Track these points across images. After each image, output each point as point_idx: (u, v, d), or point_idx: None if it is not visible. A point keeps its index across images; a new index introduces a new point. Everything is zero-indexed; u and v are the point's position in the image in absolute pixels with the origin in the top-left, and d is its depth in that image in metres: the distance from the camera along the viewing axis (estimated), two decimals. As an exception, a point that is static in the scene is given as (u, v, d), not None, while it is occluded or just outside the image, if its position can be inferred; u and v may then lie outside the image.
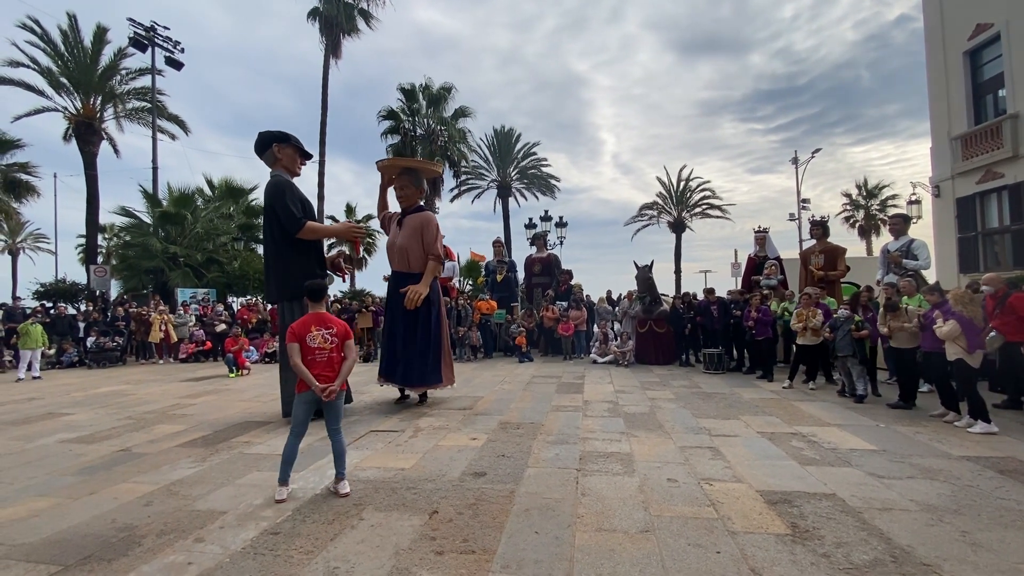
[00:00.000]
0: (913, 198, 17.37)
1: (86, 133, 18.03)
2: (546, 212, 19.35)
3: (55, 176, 29.64)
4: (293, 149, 5.95)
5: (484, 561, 2.55)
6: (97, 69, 18.04)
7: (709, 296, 10.21)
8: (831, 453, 4.31)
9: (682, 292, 14.62)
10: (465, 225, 71.90)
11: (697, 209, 33.30)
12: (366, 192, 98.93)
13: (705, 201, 33.12)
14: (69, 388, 8.96)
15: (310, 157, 6.27)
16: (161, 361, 13.12)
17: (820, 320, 7.14)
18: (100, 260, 19.75)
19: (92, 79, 17.96)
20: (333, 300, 16.58)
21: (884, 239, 16.15)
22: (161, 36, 19.71)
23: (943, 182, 14.77)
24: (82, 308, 15.50)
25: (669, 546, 2.68)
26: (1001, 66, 13.04)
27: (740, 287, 11.25)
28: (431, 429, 5.33)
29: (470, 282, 17.72)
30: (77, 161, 18.32)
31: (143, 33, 19.19)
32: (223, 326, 13.30)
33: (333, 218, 26.66)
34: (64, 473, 4.12)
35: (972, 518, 2.98)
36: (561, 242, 19.65)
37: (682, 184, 33.16)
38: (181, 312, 14.28)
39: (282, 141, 5.87)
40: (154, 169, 19.66)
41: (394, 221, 6.86)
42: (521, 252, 19.80)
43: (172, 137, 21.01)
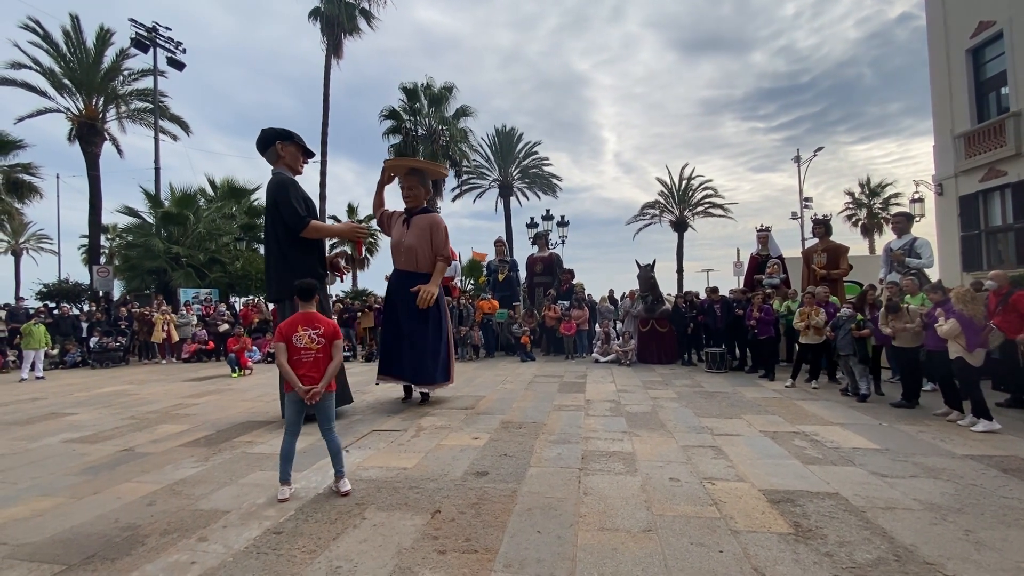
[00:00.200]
0: (916, 196, 17.35)
1: (88, 134, 18.08)
2: (548, 211, 19.39)
3: (58, 177, 29.71)
4: (296, 147, 5.93)
5: (486, 560, 2.56)
6: (99, 70, 18.07)
7: (712, 295, 10.20)
8: (834, 452, 4.30)
9: (684, 291, 14.61)
10: (467, 224, 72.08)
11: (699, 208, 33.22)
12: (368, 192, 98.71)
13: (707, 200, 33.05)
14: (72, 388, 9.00)
15: (312, 155, 6.25)
16: (164, 361, 13.16)
17: (823, 319, 7.13)
18: (103, 260, 19.80)
19: (94, 80, 18.00)
20: (335, 300, 16.61)
21: (887, 237, 16.11)
22: (163, 37, 19.74)
23: (946, 180, 14.72)
24: (85, 308, 15.55)
25: (671, 545, 2.68)
26: (1004, 64, 12.98)
27: (742, 286, 11.24)
28: (433, 428, 5.33)
29: (472, 281, 17.71)
30: (79, 162, 18.41)
31: (145, 34, 19.22)
32: (226, 326, 13.35)
33: (335, 218, 26.68)
34: (67, 473, 4.13)
35: (975, 517, 2.98)
36: (563, 241, 19.66)
37: (684, 183, 33.10)
38: (184, 312, 14.32)
39: (285, 139, 5.84)
40: (156, 169, 19.70)
41: (397, 220, 6.85)
42: (523, 251, 19.76)
43: (174, 138, 21.07)
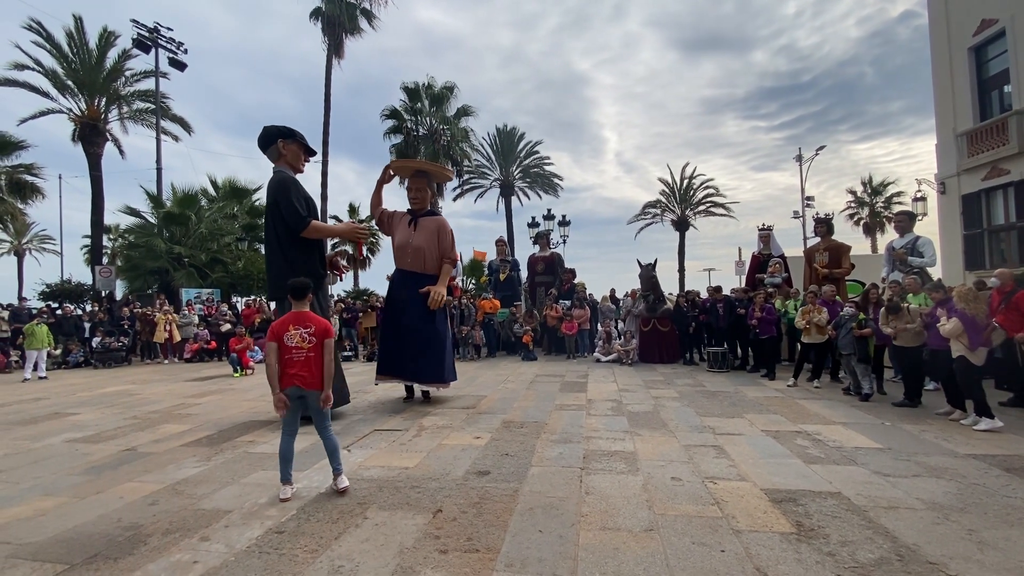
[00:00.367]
0: (918, 195, 17.27)
1: (91, 134, 18.10)
2: (549, 211, 19.39)
3: (60, 177, 29.67)
4: (298, 145, 5.90)
5: (488, 560, 2.56)
6: (102, 71, 18.10)
7: (716, 294, 10.18)
8: (836, 451, 4.29)
9: (685, 290, 14.59)
10: (468, 224, 72.10)
11: (701, 207, 33.14)
12: (369, 192, 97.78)
13: (709, 199, 32.97)
14: (75, 388, 9.02)
15: (314, 153, 6.23)
16: (166, 361, 13.19)
17: (825, 317, 7.12)
18: (105, 261, 19.82)
19: (96, 81, 18.01)
20: (336, 300, 16.62)
21: (889, 236, 16.06)
22: (164, 37, 19.74)
23: (948, 179, 14.67)
24: (88, 308, 15.58)
25: (673, 545, 2.68)
26: (1007, 62, 12.94)
27: (744, 285, 11.22)
28: (434, 428, 5.33)
29: (473, 281, 17.71)
30: (82, 162, 18.39)
31: (147, 34, 19.24)
32: (228, 326, 13.37)
33: (337, 218, 26.70)
34: (70, 472, 4.14)
35: (978, 516, 2.97)
36: (564, 241, 19.69)
37: (685, 182, 33.03)
38: (186, 312, 14.36)
39: (287, 137, 5.81)
40: (158, 170, 19.73)
41: (402, 221, 6.85)
42: (524, 251, 19.78)
43: (175, 139, 21.06)
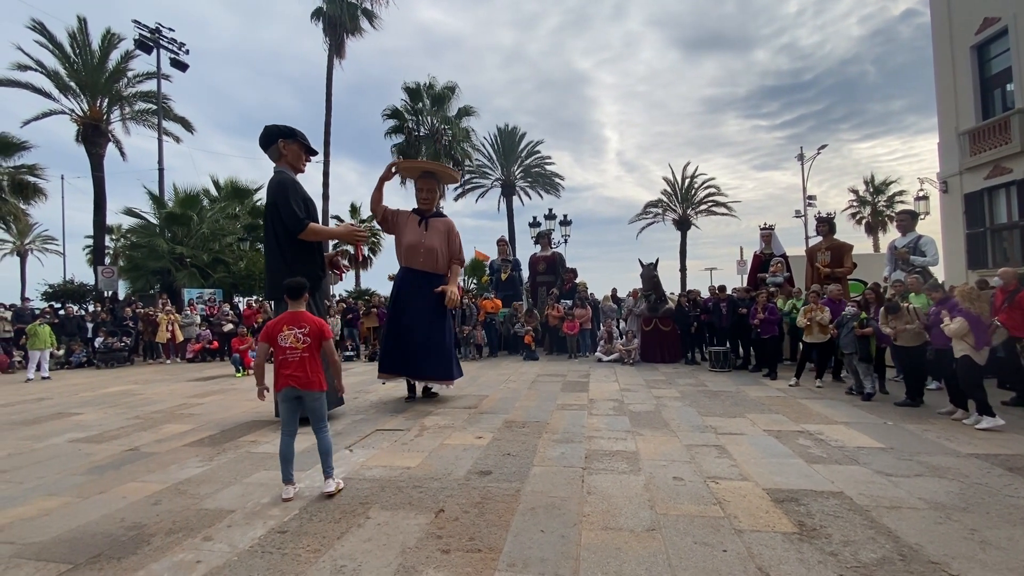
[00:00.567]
0: (920, 194, 17.20)
1: (93, 135, 18.14)
2: (550, 210, 19.33)
3: (62, 178, 29.68)
4: (298, 145, 5.89)
5: (490, 560, 2.56)
6: (104, 72, 18.14)
7: (720, 294, 10.14)
8: (838, 451, 4.28)
9: (687, 290, 14.56)
10: (469, 224, 72.01)
11: (702, 206, 33.07)
12: (370, 192, 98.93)
13: (710, 198, 32.91)
14: (78, 388, 9.04)
15: (315, 153, 6.22)
16: (168, 361, 13.22)
17: (827, 316, 7.10)
18: (107, 261, 19.88)
19: (99, 81, 18.05)
20: (338, 300, 16.64)
21: (891, 235, 16.02)
22: (166, 38, 19.79)
23: (951, 178, 14.64)
24: (90, 309, 15.62)
25: (675, 545, 2.68)
26: (1009, 60, 12.92)
27: (746, 284, 11.21)
28: (436, 428, 5.34)
29: (475, 281, 17.71)
30: (84, 163, 18.43)
31: (148, 35, 19.28)
32: (230, 326, 13.39)
33: (338, 218, 26.70)
34: (73, 472, 4.16)
35: (981, 516, 2.96)
36: (565, 240, 19.65)
37: (687, 181, 32.96)
38: (188, 312, 14.38)
39: (287, 137, 5.80)
40: (160, 170, 19.77)
41: (411, 220, 6.93)
42: (525, 251, 19.76)
43: (177, 140, 21.10)
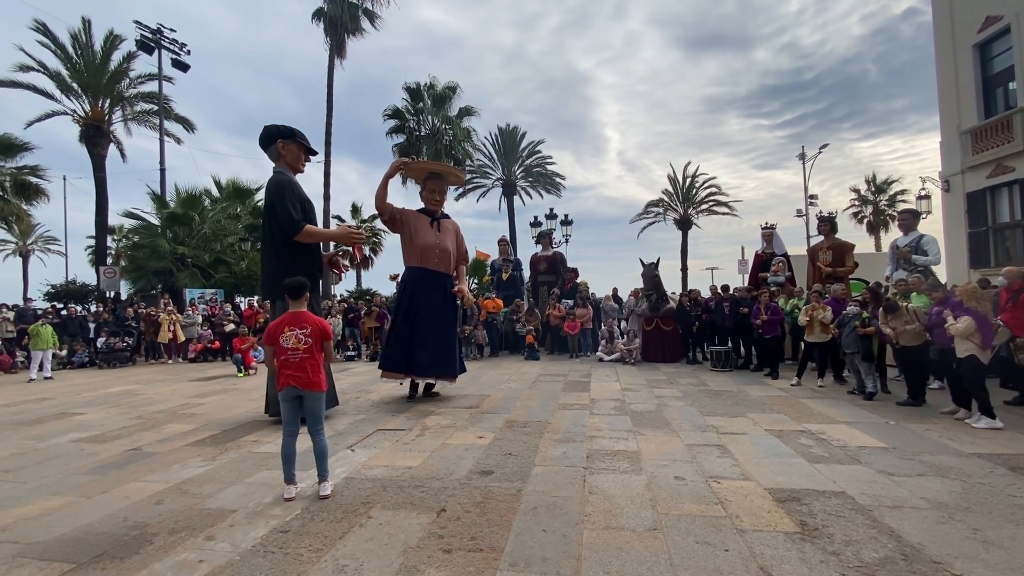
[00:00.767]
0: (922, 193, 17.16)
1: (95, 136, 18.18)
2: (551, 210, 19.22)
3: (64, 179, 29.72)
4: (297, 146, 5.87)
5: (492, 559, 2.56)
6: (106, 73, 18.18)
7: (723, 293, 10.12)
8: (840, 451, 4.28)
9: (688, 289, 14.55)
10: (470, 224, 71.87)
11: (703, 206, 32.99)
12: (372, 191, 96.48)
13: (711, 198, 32.83)
14: (80, 388, 9.06)
15: (315, 153, 6.20)
16: (170, 361, 13.24)
17: (829, 315, 7.09)
18: (109, 261, 19.91)
19: (100, 82, 18.09)
20: (339, 300, 16.65)
21: (893, 235, 15.99)
22: (167, 39, 19.83)
23: (953, 177, 14.62)
24: (92, 309, 15.66)
25: (677, 544, 2.68)
26: (1011, 59, 12.89)
27: (747, 284, 11.19)
28: (438, 427, 5.34)
29: (476, 281, 17.71)
30: (86, 164, 18.49)
31: (150, 36, 19.32)
32: (231, 326, 13.41)
33: (339, 218, 26.72)
34: (76, 472, 4.17)
35: (983, 515, 2.96)
36: (566, 240, 19.59)
37: (688, 181, 32.92)
38: (189, 312, 14.40)
39: (286, 137, 5.78)
40: (162, 171, 19.82)
41: (421, 221, 6.98)
42: (526, 250, 19.72)
43: (178, 141, 21.15)
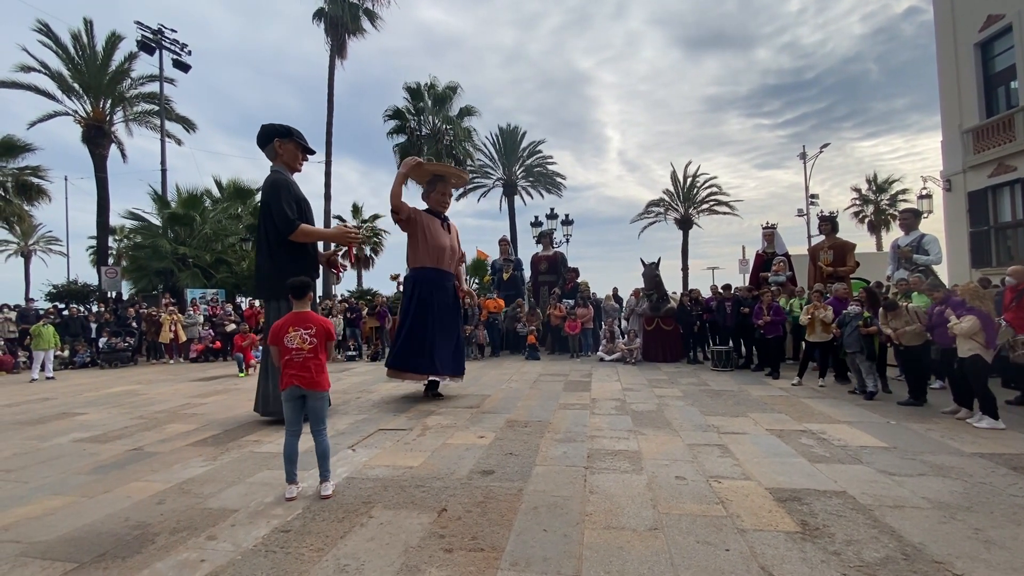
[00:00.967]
0: (924, 192, 17.14)
1: (96, 136, 18.22)
2: (552, 210, 19.19)
3: (66, 179, 29.76)
4: (295, 145, 5.84)
5: (493, 559, 2.57)
6: (107, 73, 18.21)
7: (724, 292, 10.11)
8: (841, 450, 4.28)
9: (689, 289, 14.53)
10: (471, 224, 71.90)
11: (704, 206, 32.94)
12: (372, 191, 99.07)
13: (712, 197, 32.78)
14: (82, 388, 9.08)
15: (313, 152, 6.17)
16: (172, 361, 13.26)
17: (830, 314, 7.09)
18: (111, 261, 19.94)
19: (102, 83, 18.13)
20: (340, 299, 16.66)
21: (894, 234, 15.96)
22: (168, 39, 19.85)
23: (954, 176, 14.58)
24: (94, 309, 15.68)
25: (678, 544, 2.68)
26: (1013, 58, 12.86)
27: (748, 284, 11.18)
28: (439, 427, 5.35)
29: (477, 281, 17.71)
30: (87, 164, 18.54)
31: (151, 36, 19.35)
32: (232, 326, 13.42)
33: (340, 217, 26.67)
34: (78, 472, 4.18)
35: (985, 515, 2.96)
36: (567, 240, 19.58)
37: (689, 181, 32.88)
38: (191, 312, 14.42)
39: (283, 136, 5.76)
40: (163, 171, 19.85)
41: (434, 222, 7.04)
42: (527, 250, 19.72)
43: (179, 143, 21.17)
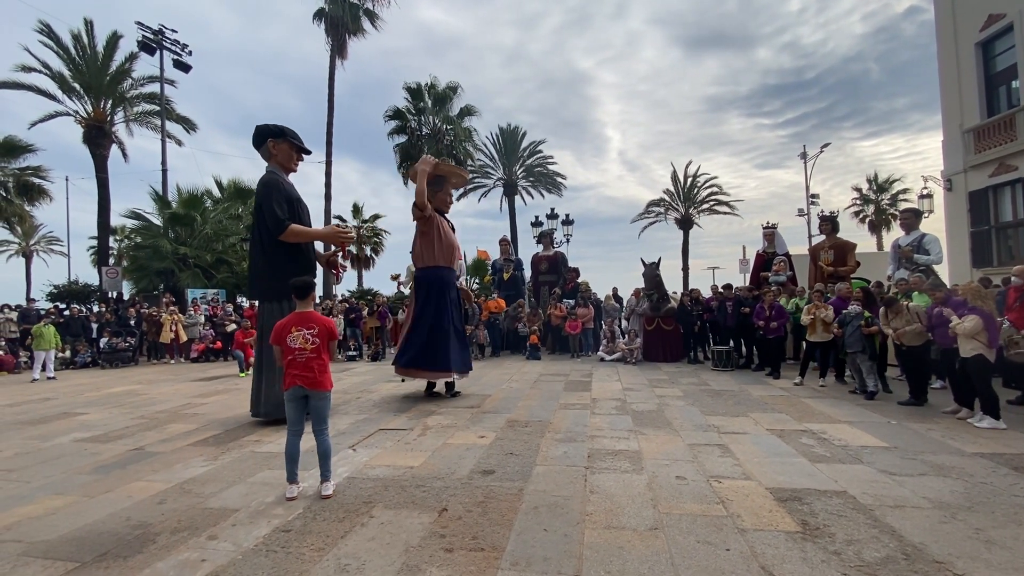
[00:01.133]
0: (924, 192, 17.14)
1: (97, 136, 18.25)
2: (552, 210, 19.20)
3: (67, 179, 29.85)
4: (288, 145, 5.77)
5: (493, 559, 2.57)
6: (108, 73, 18.23)
7: (725, 292, 10.10)
8: (842, 450, 4.28)
9: (689, 288, 14.52)
10: (471, 223, 71.97)
11: (704, 205, 32.95)
12: (372, 191, 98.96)
13: (713, 197, 32.79)
14: (83, 388, 9.09)
15: (308, 152, 6.10)
16: (172, 361, 13.28)
17: (830, 314, 7.08)
18: (112, 262, 19.96)
19: (102, 83, 18.15)
20: (341, 299, 16.67)
21: (895, 234, 15.95)
22: (169, 39, 19.87)
23: (955, 175, 14.56)
24: (95, 309, 15.71)
25: (678, 544, 2.68)
26: (1014, 57, 12.84)
27: (748, 283, 11.18)
28: (439, 427, 5.35)
29: (477, 280, 17.71)
30: (88, 164, 18.58)
31: (151, 36, 19.37)
32: (233, 326, 13.43)
33: (340, 218, 26.68)
34: (79, 472, 4.19)
35: (986, 515, 2.96)
36: (567, 240, 19.59)
37: (689, 180, 32.88)
38: (191, 312, 14.43)
39: (277, 136, 5.69)
40: (163, 171, 19.87)
41: (443, 221, 7.12)
42: (527, 250, 19.73)
43: (179, 143, 21.18)
